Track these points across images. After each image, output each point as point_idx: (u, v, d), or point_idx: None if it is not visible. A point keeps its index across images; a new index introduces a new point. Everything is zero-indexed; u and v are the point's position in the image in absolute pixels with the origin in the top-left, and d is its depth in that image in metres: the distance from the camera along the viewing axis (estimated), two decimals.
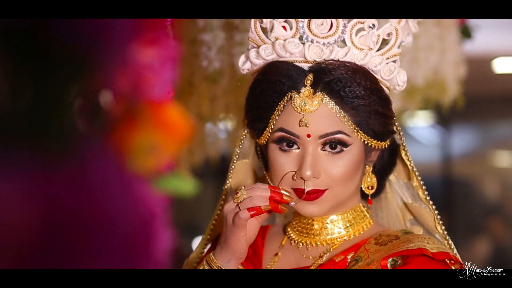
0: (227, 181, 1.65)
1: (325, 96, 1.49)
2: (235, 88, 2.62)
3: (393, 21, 1.56)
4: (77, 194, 0.56)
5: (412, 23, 1.59)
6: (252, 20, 1.57)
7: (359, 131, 1.50)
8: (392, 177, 1.65)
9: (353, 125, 1.49)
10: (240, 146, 1.65)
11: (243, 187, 1.48)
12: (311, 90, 1.49)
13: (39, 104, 0.57)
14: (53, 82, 0.58)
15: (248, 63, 1.58)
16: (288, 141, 1.51)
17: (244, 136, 1.64)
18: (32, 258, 0.56)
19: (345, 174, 1.50)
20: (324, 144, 1.50)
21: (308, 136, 1.49)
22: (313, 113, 1.48)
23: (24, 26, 0.56)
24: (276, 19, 1.54)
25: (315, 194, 1.50)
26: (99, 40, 0.59)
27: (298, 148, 1.51)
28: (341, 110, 1.49)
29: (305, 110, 1.48)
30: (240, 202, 1.47)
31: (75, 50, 0.58)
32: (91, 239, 0.58)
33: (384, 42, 1.55)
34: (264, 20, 1.56)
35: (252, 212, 1.45)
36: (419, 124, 7.29)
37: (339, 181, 1.50)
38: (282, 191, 1.48)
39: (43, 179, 0.56)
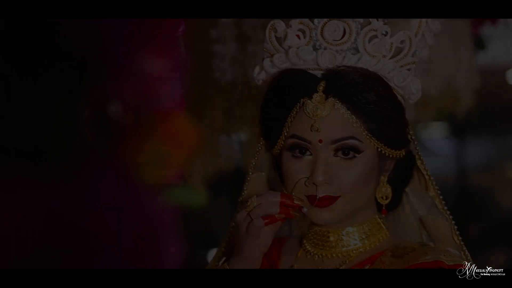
0: (243, 193, 1.65)
1: (337, 101, 1.48)
2: (248, 99, 2.62)
3: (408, 29, 1.55)
4: (82, 206, 0.56)
5: (428, 35, 1.58)
6: (267, 30, 1.57)
7: (372, 137, 1.48)
8: (408, 190, 1.63)
9: (366, 131, 1.48)
10: (256, 158, 1.64)
11: (254, 196, 1.48)
12: (323, 95, 1.48)
13: (43, 113, 0.56)
14: (56, 92, 0.57)
15: (263, 72, 1.58)
16: (300, 148, 1.50)
17: (260, 148, 1.64)
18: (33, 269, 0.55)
19: (358, 181, 1.49)
20: (336, 150, 1.49)
21: (320, 141, 1.48)
22: (325, 118, 1.47)
23: (26, 34, 0.56)
24: (289, 28, 1.54)
25: (327, 201, 1.48)
26: (106, 49, 0.58)
27: (311, 154, 1.50)
28: (353, 116, 1.47)
29: (317, 115, 1.47)
30: (251, 210, 1.46)
31: (80, 59, 0.57)
32: (97, 251, 0.57)
33: (399, 50, 1.54)
34: (278, 29, 1.55)
35: (266, 220, 1.45)
36: (433, 136, 7.26)
37: (351, 188, 1.49)
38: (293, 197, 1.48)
39: (47, 190, 0.55)
